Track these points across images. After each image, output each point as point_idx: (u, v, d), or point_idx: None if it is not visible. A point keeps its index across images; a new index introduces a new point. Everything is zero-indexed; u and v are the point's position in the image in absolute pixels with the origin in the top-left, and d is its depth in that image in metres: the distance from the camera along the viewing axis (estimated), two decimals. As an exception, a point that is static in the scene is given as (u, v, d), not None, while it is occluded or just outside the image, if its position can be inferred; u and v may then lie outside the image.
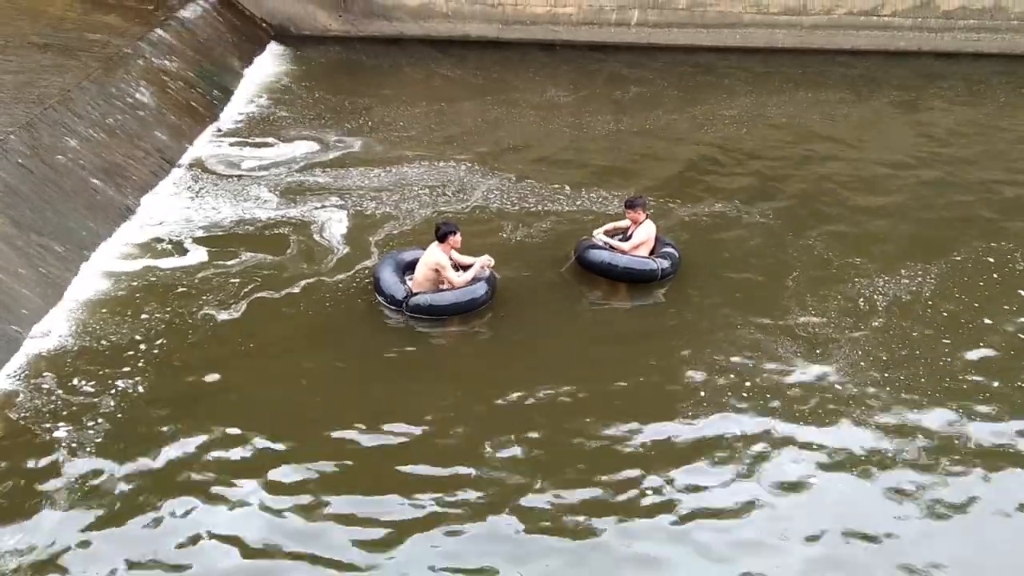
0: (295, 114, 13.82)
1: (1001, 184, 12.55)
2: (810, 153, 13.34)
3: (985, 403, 7.97)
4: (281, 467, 6.94)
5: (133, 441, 7.08)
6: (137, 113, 12.15)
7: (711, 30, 17.56)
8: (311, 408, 7.63)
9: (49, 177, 9.98)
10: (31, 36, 12.86)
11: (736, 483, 7.00)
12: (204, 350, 8.24)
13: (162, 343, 8.25)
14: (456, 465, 7.04)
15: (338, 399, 7.75)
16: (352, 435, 7.31)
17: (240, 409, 7.53)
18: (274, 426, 7.34)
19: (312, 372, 8.08)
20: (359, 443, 7.25)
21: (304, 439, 7.26)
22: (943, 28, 17.67)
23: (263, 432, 7.27)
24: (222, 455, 7.03)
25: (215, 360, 8.12)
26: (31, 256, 8.92)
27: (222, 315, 8.70)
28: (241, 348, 8.32)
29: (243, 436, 7.22)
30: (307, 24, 17.28)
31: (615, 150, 13.15)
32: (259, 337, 8.50)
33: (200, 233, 10.17)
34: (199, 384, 7.82)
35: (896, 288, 9.65)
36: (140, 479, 6.74)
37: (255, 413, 7.50)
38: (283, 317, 8.80)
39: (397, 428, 7.39)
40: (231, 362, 8.15)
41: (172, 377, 7.85)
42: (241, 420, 7.38)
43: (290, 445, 7.17)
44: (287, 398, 7.74)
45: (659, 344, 8.75)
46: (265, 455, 7.06)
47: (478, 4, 17.23)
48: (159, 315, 8.64)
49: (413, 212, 10.91)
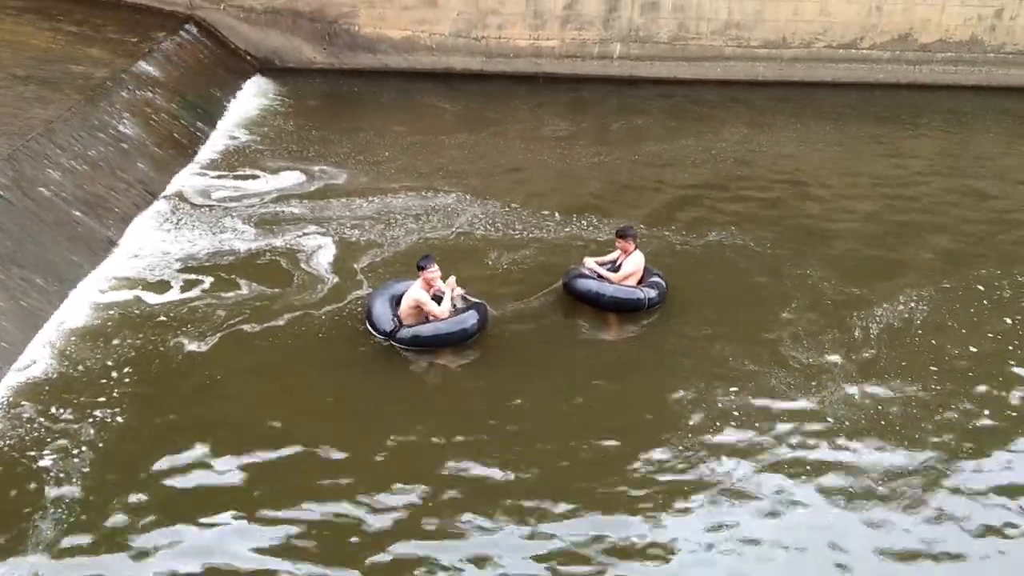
0: (280, 146, 13.80)
1: (984, 212, 12.68)
2: (794, 183, 13.45)
3: (976, 435, 7.95)
4: (265, 498, 6.84)
5: (115, 471, 6.97)
6: (120, 145, 12.08)
7: (693, 63, 17.76)
8: (297, 437, 7.50)
9: (31, 209, 9.87)
10: (14, 68, 12.79)
11: (726, 517, 6.92)
12: (188, 381, 8.13)
13: (144, 374, 8.14)
14: (441, 498, 6.94)
15: (323, 430, 7.63)
16: (336, 467, 7.20)
17: (223, 438, 7.41)
18: (257, 456, 7.24)
19: (298, 402, 7.97)
20: (345, 476, 7.14)
21: (288, 469, 7.15)
22: (921, 61, 17.97)
23: (246, 461, 7.17)
24: (205, 484, 6.95)
25: (199, 391, 8.02)
26: (12, 289, 8.79)
27: (204, 346, 8.59)
28: (223, 379, 8.21)
29: (226, 465, 7.13)
30: (292, 57, 17.33)
31: (601, 180, 13.19)
32: (242, 368, 8.40)
33: (183, 265, 10.07)
34: (182, 415, 7.69)
35: (888, 317, 9.67)
36: (123, 508, 6.63)
37: (238, 442, 7.39)
38: (267, 347, 8.69)
39: (380, 461, 7.31)
40: (214, 393, 8.03)
41: (155, 409, 7.72)
42: (224, 449, 7.28)
43: (274, 475, 7.07)
44: (271, 427, 7.61)
45: (647, 375, 8.69)
46: (249, 485, 6.96)
47: (461, 37, 17.36)
48: (141, 347, 8.52)
49: (398, 240, 10.89)
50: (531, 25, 17.30)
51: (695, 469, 7.41)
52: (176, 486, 6.92)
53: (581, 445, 7.63)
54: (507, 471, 7.27)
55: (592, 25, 17.38)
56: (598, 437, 7.72)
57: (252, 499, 6.85)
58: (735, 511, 6.98)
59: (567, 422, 7.93)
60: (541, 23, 17.29)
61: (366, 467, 7.27)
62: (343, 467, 7.26)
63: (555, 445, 7.61)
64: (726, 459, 7.51)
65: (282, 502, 6.83)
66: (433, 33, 17.31)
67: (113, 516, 6.59)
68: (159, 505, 6.73)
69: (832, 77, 17.92)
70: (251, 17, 17.05)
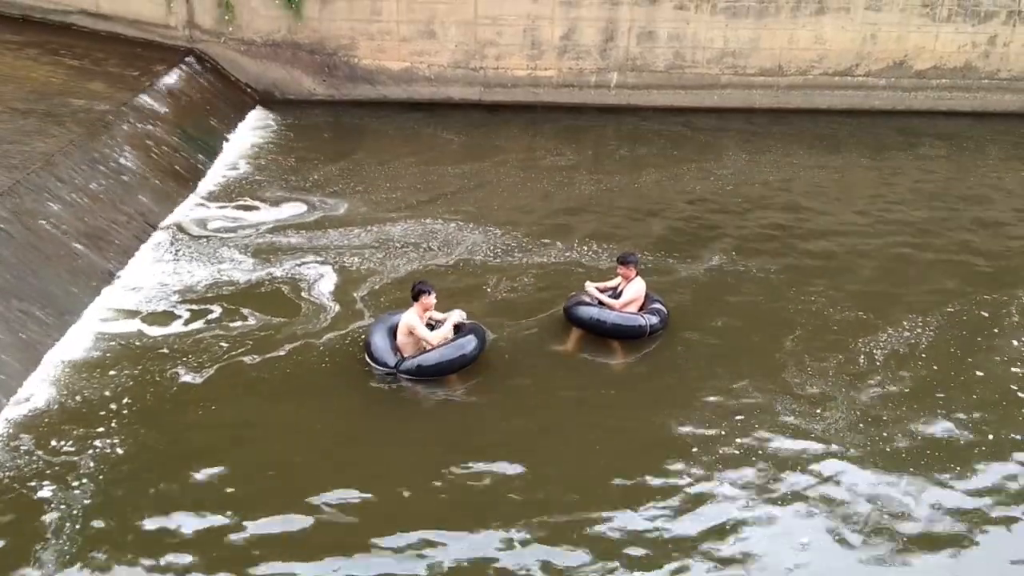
0: (280, 177, 13.84)
1: (986, 235, 12.70)
2: (794, 209, 13.47)
3: (984, 461, 7.89)
4: (264, 529, 6.77)
5: (115, 503, 6.90)
6: (121, 178, 12.11)
7: (690, 91, 17.88)
8: (296, 470, 7.45)
9: (31, 242, 9.87)
10: (15, 102, 12.85)
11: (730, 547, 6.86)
12: (189, 413, 8.08)
13: (145, 407, 8.08)
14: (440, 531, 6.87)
15: (322, 462, 7.59)
16: (334, 500, 7.13)
17: (223, 470, 7.35)
18: (257, 487, 7.19)
19: (298, 434, 7.92)
20: (342, 508, 7.07)
21: (287, 501, 7.08)
22: (916, 88, 18.10)
23: (246, 493, 7.10)
24: (205, 515, 6.86)
25: (199, 422, 7.96)
26: (11, 322, 8.76)
27: (203, 378, 8.54)
28: (225, 410, 8.16)
29: (226, 496, 7.07)
30: (292, 89, 17.45)
31: (600, 207, 13.22)
32: (242, 398, 8.35)
33: (183, 296, 10.05)
34: (183, 447, 7.63)
35: (893, 343, 9.64)
36: (123, 541, 6.56)
37: (238, 475, 7.33)
38: (268, 378, 8.65)
39: (379, 493, 7.24)
40: (216, 425, 7.97)
41: (155, 441, 7.67)
42: (224, 481, 7.21)
43: (273, 507, 7.00)
44: (271, 459, 7.55)
45: (649, 402, 8.64)
46: (248, 517, 6.88)
47: (460, 68, 17.49)
48: (141, 379, 8.47)
49: (399, 268, 10.89)
50: (529, 55, 17.44)
51: (698, 498, 7.33)
52: (176, 519, 6.84)
53: (586, 474, 7.56)
54: (508, 501, 7.20)
55: (589, 55, 17.53)
56: (602, 468, 7.65)
57: (252, 533, 6.76)
58: (738, 541, 6.89)
59: (570, 450, 7.86)
60: (539, 53, 17.44)
61: (367, 500, 7.19)
62: (344, 499, 7.17)
63: (558, 474, 7.54)
64: (729, 487, 7.44)
65: (282, 536, 6.75)
66: (432, 64, 17.44)
67: (113, 548, 6.51)
68: (158, 537, 6.65)
69: (828, 104, 18.05)
70: (251, 50, 17.19)
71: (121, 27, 16.86)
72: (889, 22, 17.54)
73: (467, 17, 17.11)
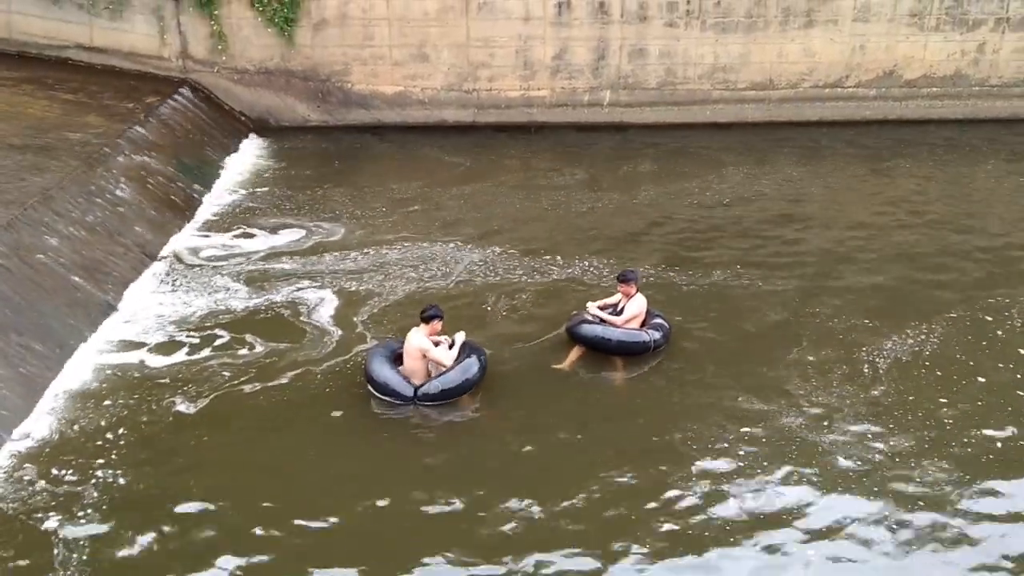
0: (276, 204, 13.85)
1: (985, 241, 12.71)
2: (792, 221, 13.49)
3: (990, 469, 7.85)
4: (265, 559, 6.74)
5: (117, 533, 6.88)
6: (117, 209, 12.12)
7: (682, 107, 17.95)
8: (296, 500, 7.40)
9: (29, 276, 9.85)
10: (11, 138, 12.88)
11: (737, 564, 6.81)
12: (190, 442, 8.04)
13: (145, 437, 8.05)
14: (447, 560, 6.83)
15: (324, 493, 7.53)
16: (336, 529, 7.10)
17: (223, 501, 7.32)
18: (260, 516, 7.14)
19: (299, 463, 7.88)
20: (344, 538, 7.05)
21: (288, 532, 7.04)
22: (907, 97, 18.18)
23: (249, 522, 7.07)
24: (208, 545, 6.84)
25: (201, 452, 7.93)
26: (11, 356, 8.73)
27: (203, 408, 8.51)
28: (226, 438, 8.14)
29: (229, 525, 7.04)
30: (286, 115, 17.50)
31: (598, 224, 13.23)
32: (243, 426, 8.33)
33: (182, 326, 10.03)
34: (184, 476, 7.59)
35: (897, 351, 9.64)
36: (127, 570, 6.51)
37: (242, 504, 7.29)
38: (269, 405, 8.61)
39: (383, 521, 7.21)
40: (218, 453, 7.95)
41: (157, 471, 7.63)
42: (228, 510, 7.19)
43: (274, 538, 6.97)
44: (271, 490, 7.51)
45: (654, 417, 8.61)
46: (254, 547, 6.84)
47: (453, 91, 17.56)
48: (141, 409, 8.44)
49: (397, 290, 10.91)
50: (521, 76, 17.52)
51: (705, 512, 7.30)
52: (178, 548, 6.80)
53: (591, 489, 7.53)
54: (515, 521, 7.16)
55: (581, 74, 17.61)
56: (609, 482, 7.62)
57: (253, 562, 6.71)
58: (746, 555, 6.85)
59: (578, 467, 7.82)
60: (531, 74, 17.52)
61: (369, 530, 7.16)
62: (346, 528, 7.13)
63: (565, 492, 7.50)
64: (734, 502, 7.41)
65: (283, 567, 6.69)
66: (425, 87, 17.51)
67: None
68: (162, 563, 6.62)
69: (820, 116, 18.11)
70: (245, 78, 17.25)
71: (116, 60, 16.94)
72: (878, 33, 17.65)
73: (459, 40, 17.20)
